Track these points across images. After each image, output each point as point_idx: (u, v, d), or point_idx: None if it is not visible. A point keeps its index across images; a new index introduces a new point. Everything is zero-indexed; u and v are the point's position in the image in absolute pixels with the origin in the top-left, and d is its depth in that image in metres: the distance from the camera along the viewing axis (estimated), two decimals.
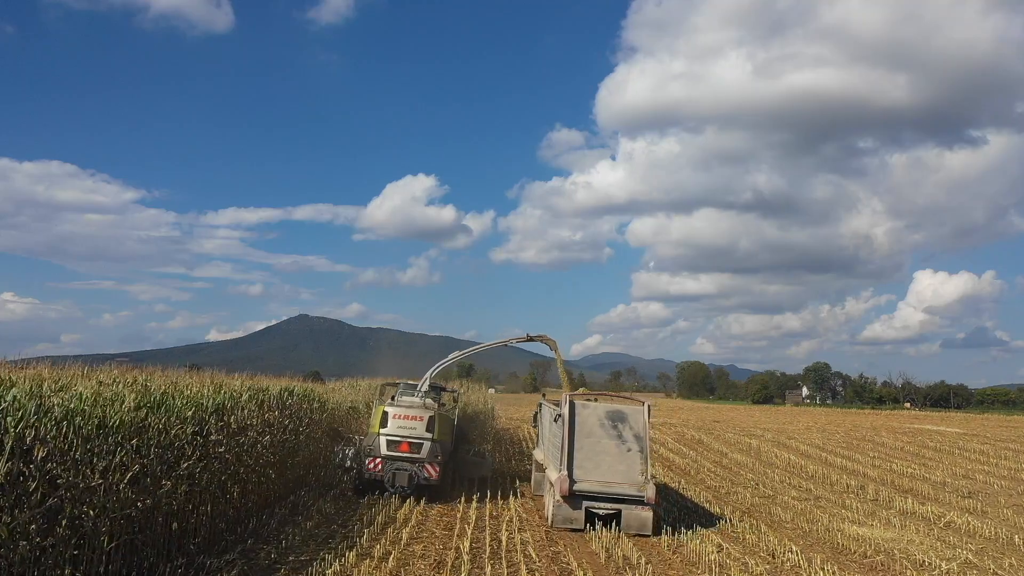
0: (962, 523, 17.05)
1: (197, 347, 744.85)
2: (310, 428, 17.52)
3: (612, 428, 14.88)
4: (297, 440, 15.79)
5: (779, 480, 23.86)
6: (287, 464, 15.08)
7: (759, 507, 18.80)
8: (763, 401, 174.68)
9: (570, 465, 14.47)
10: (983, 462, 30.00)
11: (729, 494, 20.69)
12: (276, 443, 13.86)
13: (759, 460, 28.31)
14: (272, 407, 13.91)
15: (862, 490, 22.40)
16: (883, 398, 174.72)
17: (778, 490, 21.79)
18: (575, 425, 14.77)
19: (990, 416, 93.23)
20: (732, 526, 15.86)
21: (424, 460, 16.46)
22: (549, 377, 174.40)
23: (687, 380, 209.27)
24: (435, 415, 17.10)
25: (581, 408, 15.11)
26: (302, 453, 16.64)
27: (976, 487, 23.55)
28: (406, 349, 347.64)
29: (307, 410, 17.11)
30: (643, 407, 15.39)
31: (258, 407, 13.06)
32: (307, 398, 17.48)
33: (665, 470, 25.21)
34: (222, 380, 14.07)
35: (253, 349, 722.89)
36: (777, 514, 17.79)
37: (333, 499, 15.59)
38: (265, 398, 13.77)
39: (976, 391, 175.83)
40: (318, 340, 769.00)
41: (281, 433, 14.32)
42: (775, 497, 20.51)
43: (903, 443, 36.21)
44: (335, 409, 21.96)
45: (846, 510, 18.90)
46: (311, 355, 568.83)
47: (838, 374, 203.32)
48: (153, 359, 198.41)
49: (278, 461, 14.20)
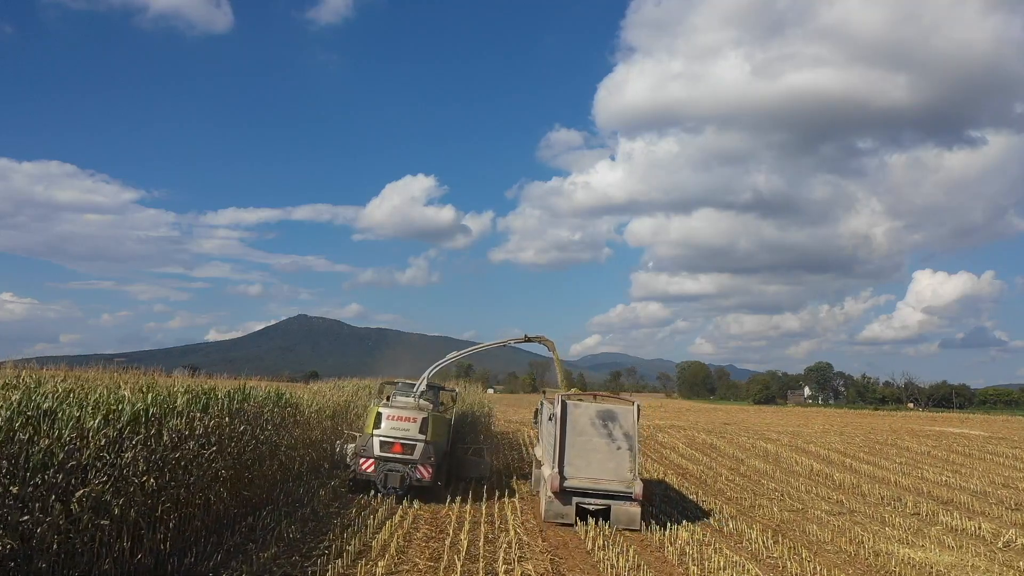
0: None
1: (196, 347, 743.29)
2: (279, 436, 15.24)
3: (603, 427, 15.30)
4: (258, 451, 13.47)
5: (805, 490, 21.63)
6: (244, 480, 12.73)
7: (790, 524, 16.57)
8: (765, 402, 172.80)
9: (561, 462, 14.94)
10: (1020, 468, 27.77)
11: (754, 508, 18.44)
12: (227, 455, 11.55)
13: (779, 467, 26.05)
14: (221, 412, 11.55)
15: (899, 502, 20.20)
16: (885, 398, 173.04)
17: (807, 502, 19.56)
18: (567, 424, 15.21)
19: (1003, 417, 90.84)
20: (766, 549, 13.64)
21: (417, 461, 16.40)
22: (548, 377, 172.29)
23: (687, 380, 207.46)
24: (429, 416, 16.96)
25: (573, 408, 15.47)
26: (267, 466, 14.32)
27: (1021, 498, 21.33)
28: (405, 349, 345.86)
29: (273, 415, 14.81)
30: (633, 407, 15.76)
31: (202, 412, 10.73)
32: (273, 401, 15.15)
33: (679, 479, 22.98)
34: (154, 380, 11.81)
35: (252, 349, 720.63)
36: (813, 532, 15.57)
37: (301, 520, 13.28)
38: (211, 401, 11.38)
39: (978, 391, 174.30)
40: (317, 340, 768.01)
41: (234, 444, 11.99)
42: (805, 511, 18.28)
43: (928, 447, 33.96)
44: (317, 413, 19.66)
45: (889, 527, 16.68)
46: (310, 355, 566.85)
47: (840, 374, 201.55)
48: (152, 359, 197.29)
49: (231, 477, 11.89)
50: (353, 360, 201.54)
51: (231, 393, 12.37)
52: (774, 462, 27.42)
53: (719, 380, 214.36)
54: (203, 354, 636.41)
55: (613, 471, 14.99)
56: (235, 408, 12.16)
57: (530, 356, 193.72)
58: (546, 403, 18.03)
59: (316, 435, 19.10)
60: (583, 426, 15.33)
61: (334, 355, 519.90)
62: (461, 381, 40.23)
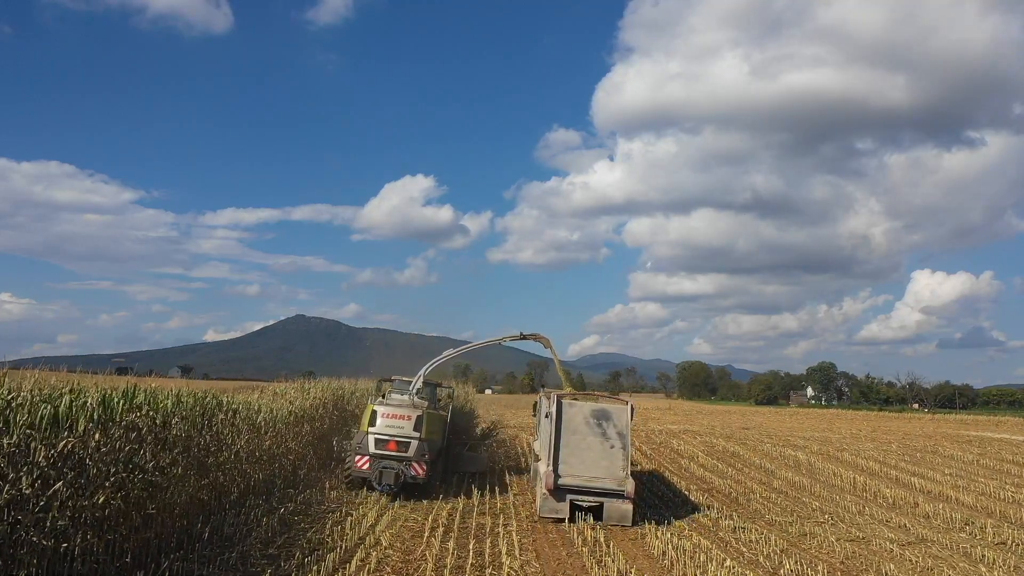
0: None
1: (194, 347, 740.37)
2: (209, 454, 11.76)
3: (597, 426, 15.51)
4: (171, 475, 9.95)
5: (856, 511, 18.19)
6: (139, 516, 9.19)
7: (858, 561, 13.14)
8: (767, 402, 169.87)
9: (556, 460, 15.24)
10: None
11: (806, 536, 14.99)
12: (96, 487, 8.02)
13: (816, 480, 22.59)
14: (96, 425, 8.01)
15: (972, 526, 16.80)
16: (890, 399, 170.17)
17: (865, 528, 16.11)
18: (562, 422, 15.49)
19: (1017, 419, 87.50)
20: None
21: (411, 459, 16.61)
22: (547, 377, 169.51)
23: (688, 380, 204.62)
24: (423, 414, 17.14)
25: (568, 406, 15.75)
26: (186, 494, 10.80)
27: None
28: (402, 349, 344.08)
29: (199, 426, 11.32)
30: (627, 406, 15.96)
31: (49, 427, 7.24)
32: (201, 410, 11.65)
33: (705, 496, 19.50)
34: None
35: (250, 350, 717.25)
36: (891, 575, 12.17)
37: (221, 569, 9.83)
38: (72, 408, 7.77)
39: (981, 392, 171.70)
40: (315, 340, 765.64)
41: (119, 468, 8.47)
42: (868, 542, 14.83)
43: (975, 455, 30.49)
44: (271, 421, 16.18)
45: (980, 564, 13.27)
46: (308, 355, 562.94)
47: (843, 374, 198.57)
48: (150, 360, 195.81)
49: (113, 516, 8.39)
50: (350, 360, 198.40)
51: (106, 398, 8.74)
52: (809, 474, 23.96)
53: (720, 380, 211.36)
54: (201, 354, 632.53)
55: (606, 469, 15.23)
56: (114, 417, 8.58)
57: (529, 356, 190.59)
58: (544, 399, 17.83)
59: (267, 446, 15.57)
60: (578, 425, 15.56)
61: (332, 355, 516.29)
62: (456, 382, 37.55)
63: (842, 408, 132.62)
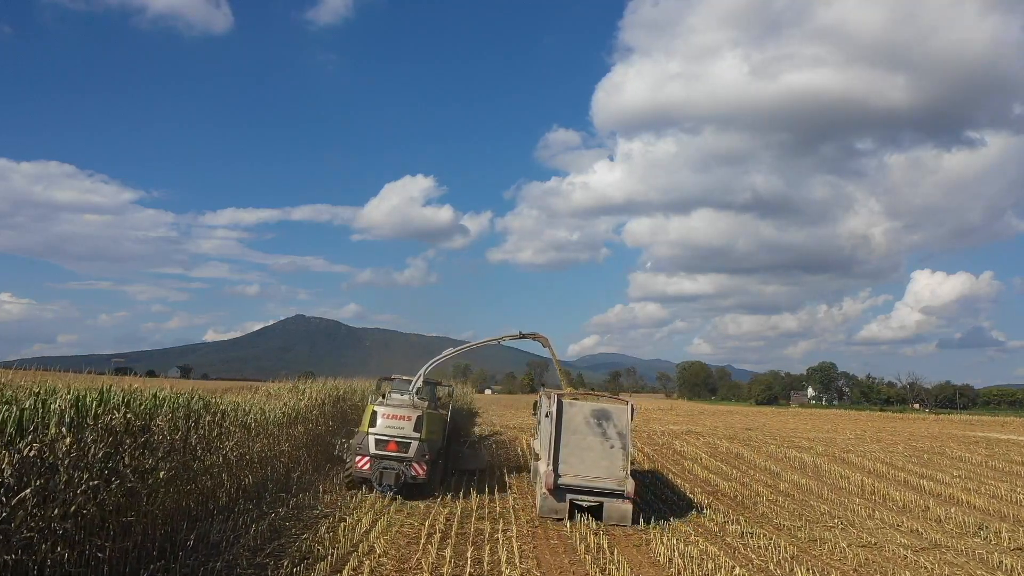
0: None
1: (194, 347, 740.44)
2: (195, 457, 11.23)
3: (597, 426, 15.46)
4: (152, 480, 9.38)
5: (865, 514, 17.68)
6: (116, 525, 8.62)
7: (872, 568, 12.66)
8: (767, 402, 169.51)
9: (556, 460, 15.20)
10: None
11: (815, 542, 14.47)
12: (68, 495, 7.40)
13: (824, 483, 22.07)
14: (68, 428, 7.40)
15: (985, 530, 16.28)
16: (890, 399, 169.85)
17: (876, 533, 15.61)
18: (562, 422, 15.45)
19: (1019, 419, 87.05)
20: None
21: (412, 459, 16.65)
22: (547, 377, 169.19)
23: (688, 380, 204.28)
24: (423, 414, 17.17)
25: (568, 406, 15.69)
26: (170, 500, 10.24)
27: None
28: (403, 350, 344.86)
29: (184, 428, 10.78)
30: (627, 406, 15.93)
31: (15, 431, 6.65)
32: (186, 411, 11.10)
33: (710, 499, 18.99)
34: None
35: (250, 350, 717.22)
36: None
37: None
38: (40, 411, 7.09)
39: (981, 392, 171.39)
40: (314, 340, 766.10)
41: (92, 475, 7.84)
42: (881, 547, 14.32)
43: (983, 457, 29.98)
44: (262, 423, 15.65)
45: (1002, 573, 12.78)
46: (307, 355, 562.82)
47: (844, 374, 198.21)
48: (149, 360, 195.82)
49: (88, 526, 7.82)
50: (350, 360, 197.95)
51: (78, 399, 8.15)
52: (815, 476, 23.44)
53: (720, 380, 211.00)
54: (201, 354, 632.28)
55: (606, 469, 15.21)
56: (91, 422, 8.01)
57: (528, 356, 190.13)
58: (544, 398, 17.80)
59: (259, 449, 15.04)
60: (578, 424, 15.51)
61: (331, 355, 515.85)
62: (456, 382, 37.38)
63: (843, 408, 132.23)
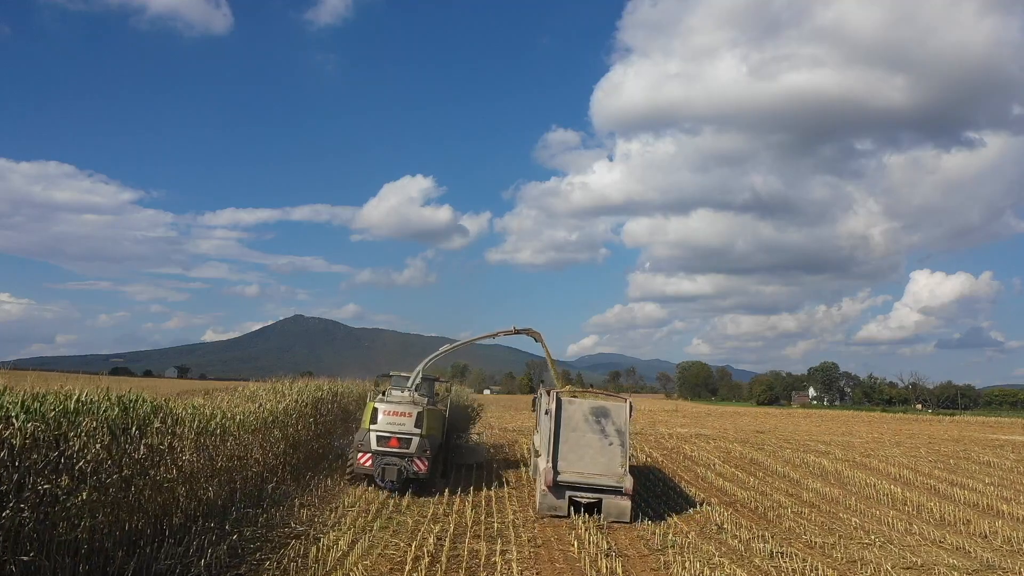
0: None
1: (193, 348, 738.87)
2: (140, 472, 9.47)
3: (596, 423, 15.53)
4: (71, 503, 7.54)
5: (903, 529, 15.96)
6: (14, 562, 6.85)
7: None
8: (769, 403, 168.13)
9: (555, 457, 15.29)
10: None
11: (855, 563, 12.73)
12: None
13: (848, 491, 20.33)
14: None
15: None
16: (893, 399, 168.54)
17: (918, 551, 13.88)
18: (561, 419, 15.52)
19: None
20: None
21: (413, 455, 16.82)
22: (546, 378, 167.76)
23: (688, 381, 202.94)
24: (424, 411, 17.34)
25: (567, 404, 15.75)
26: (107, 523, 8.43)
27: None
28: (402, 350, 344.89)
29: (123, 439, 9.02)
30: (625, 404, 15.98)
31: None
32: (128, 418, 9.33)
33: (730, 511, 17.13)
34: None
35: (248, 350, 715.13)
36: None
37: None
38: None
39: (983, 392, 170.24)
40: (313, 340, 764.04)
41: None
42: (930, 569, 12.61)
43: (1012, 462, 28.29)
44: (230, 428, 13.87)
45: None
46: (306, 355, 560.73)
47: (846, 374, 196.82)
48: (148, 360, 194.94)
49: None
50: (348, 360, 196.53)
51: None
52: (839, 484, 21.69)
53: (721, 381, 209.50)
54: (200, 355, 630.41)
55: (605, 466, 15.31)
56: None
57: (527, 356, 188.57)
58: (543, 395, 17.81)
59: (224, 458, 13.26)
60: (577, 422, 15.58)
61: (330, 355, 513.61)
62: (454, 383, 36.17)
63: (845, 409, 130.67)
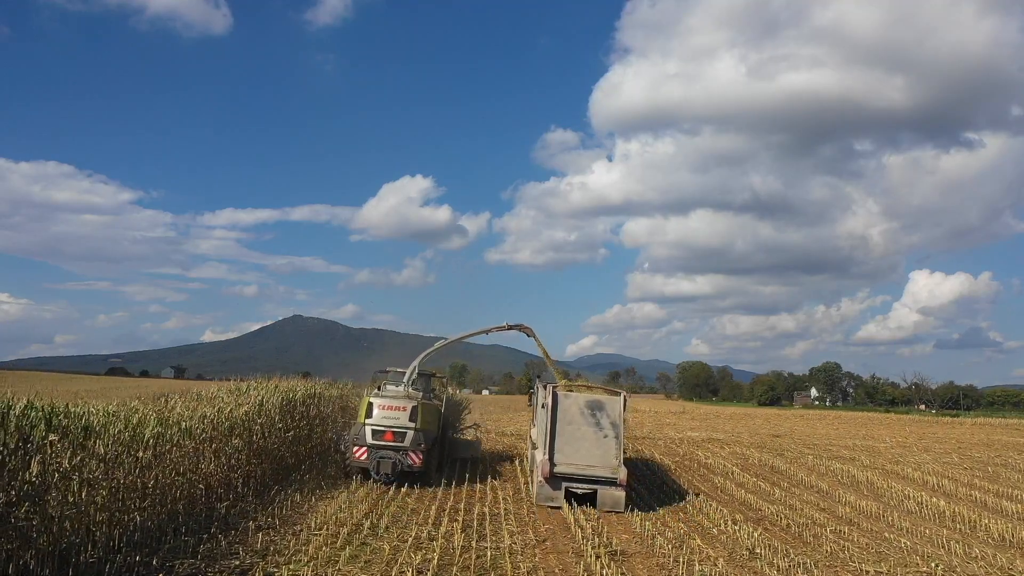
0: None
1: (191, 348, 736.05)
2: (25, 497, 7.27)
3: (591, 416, 15.97)
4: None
5: (962, 552, 13.67)
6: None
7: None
8: (770, 403, 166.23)
9: (551, 450, 15.77)
10: None
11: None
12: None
13: (887, 505, 18.05)
14: None
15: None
16: (895, 400, 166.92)
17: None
18: (557, 413, 15.96)
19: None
20: None
21: (408, 448, 17.04)
22: (546, 378, 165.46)
23: (689, 381, 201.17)
24: (418, 405, 17.55)
25: (563, 398, 16.17)
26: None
27: None
28: (401, 350, 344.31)
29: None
30: (620, 397, 16.46)
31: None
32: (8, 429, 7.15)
33: (759, 530, 14.63)
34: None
35: (247, 350, 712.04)
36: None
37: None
38: None
39: (985, 392, 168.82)
40: (312, 341, 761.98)
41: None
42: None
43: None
44: (170, 438, 11.64)
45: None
46: (305, 356, 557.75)
47: (848, 374, 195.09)
48: (147, 360, 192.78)
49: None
50: (348, 360, 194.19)
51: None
52: (874, 496, 19.42)
53: (721, 381, 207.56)
54: (199, 355, 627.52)
55: (600, 458, 15.71)
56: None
57: (526, 356, 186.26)
58: (540, 390, 17.93)
59: (163, 476, 11.00)
60: (572, 415, 15.92)
61: (329, 356, 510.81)
62: (452, 384, 34.91)
63: (848, 410, 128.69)
